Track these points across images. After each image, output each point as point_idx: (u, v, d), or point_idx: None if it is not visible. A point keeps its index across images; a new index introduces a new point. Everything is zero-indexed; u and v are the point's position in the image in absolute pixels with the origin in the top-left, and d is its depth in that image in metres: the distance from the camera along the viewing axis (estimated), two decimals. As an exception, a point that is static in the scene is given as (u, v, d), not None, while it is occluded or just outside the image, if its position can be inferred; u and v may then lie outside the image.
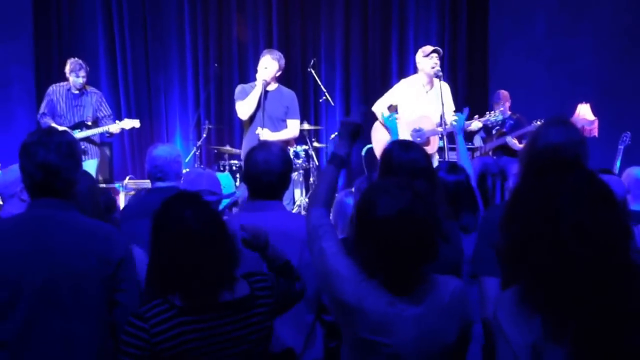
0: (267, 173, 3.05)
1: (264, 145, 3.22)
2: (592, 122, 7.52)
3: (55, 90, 7.48)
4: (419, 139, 6.53)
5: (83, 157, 5.88)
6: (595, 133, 7.52)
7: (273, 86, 6.67)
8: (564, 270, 1.67)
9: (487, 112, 6.69)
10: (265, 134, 6.52)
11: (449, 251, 2.92)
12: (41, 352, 2.44)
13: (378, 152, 6.81)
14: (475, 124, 6.68)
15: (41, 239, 2.46)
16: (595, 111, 7.68)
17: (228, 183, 5.87)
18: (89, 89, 7.57)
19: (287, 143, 6.77)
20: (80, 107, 7.44)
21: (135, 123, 7.53)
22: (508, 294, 1.84)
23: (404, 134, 6.55)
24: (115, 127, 7.38)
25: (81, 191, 2.83)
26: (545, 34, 8.84)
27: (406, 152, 3.08)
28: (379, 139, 6.75)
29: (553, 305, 1.70)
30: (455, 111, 6.30)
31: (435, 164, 5.74)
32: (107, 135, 7.52)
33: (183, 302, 2.25)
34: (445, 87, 6.56)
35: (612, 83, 8.65)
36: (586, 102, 7.72)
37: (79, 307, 2.45)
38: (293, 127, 6.77)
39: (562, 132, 2.63)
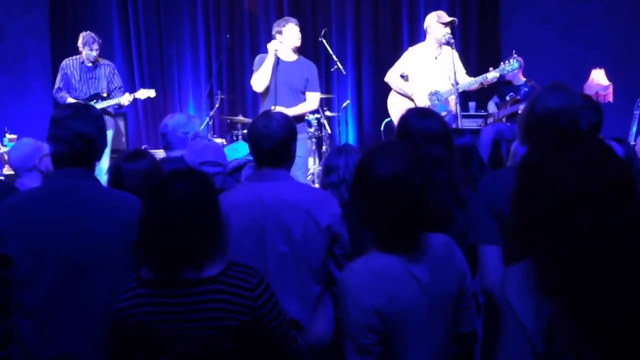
0: (267, 138, 2.97)
1: (267, 113, 3.15)
2: (606, 88, 7.48)
3: (69, 63, 7.54)
4: (437, 101, 6.55)
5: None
6: (610, 98, 7.47)
7: (293, 57, 6.48)
8: (589, 261, 1.57)
9: (502, 62, 6.66)
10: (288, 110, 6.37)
11: (465, 218, 2.93)
12: (68, 320, 2.50)
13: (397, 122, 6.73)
14: (493, 74, 6.58)
15: (67, 207, 2.55)
16: (609, 77, 7.63)
17: (245, 150, 5.87)
18: (102, 61, 7.63)
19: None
20: (95, 79, 7.51)
21: (151, 93, 7.63)
22: (517, 270, 1.76)
23: (422, 100, 6.60)
24: (125, 99, 7.45)
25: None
26: (556, 0, 8.76)
27: (423, 119, 3.10)
28: (397, 109, 6.70)
29: (572, 290, 1.60)
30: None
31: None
32: (117, 107, 7.59)
33: (147, 274, 2.26)
34: (455, 53, 6.55)
35: (626, 49, 8.57)
36: (600, 68, 7.69)
37: (105, 274, 2.50)
38: (312, 100, 6.56)
39: (560, 96, 2.58)
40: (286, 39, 6.37)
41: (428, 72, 6.65)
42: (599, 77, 7.58)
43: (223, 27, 9.46)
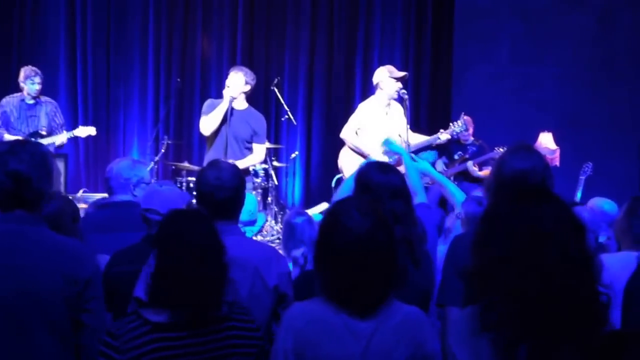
0: (220, 189, 2.92)
1: (215, 163, 3.08)
2: (553, 152, 7.56)
3: (9, 101, 7.26)
4: (391, 159, 6.48)
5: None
6: (557, 162, 7.54)
7: (243, 105, 6.44)
8: (542, 295, 1.66)
9: (451, 123, 6.63)
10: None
11: (419, 277, 2.88)
12: None
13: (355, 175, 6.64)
14: (445, 136, 6.56)
15: (7, 255, 2.39)
16: (557, 141, 7.71)
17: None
18: (44, 98, 7.35)
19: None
20: (34, 117, 7.23)
21: (91, 130, 7.35)
22: (460, 318, 1.82)
23: (377, 155, 6.49)
24: (59, 139, 7.19)
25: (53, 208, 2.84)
26: (509, 61, 8.87)
27: (384, 173, 3.05)
28: (349, 165, 6.59)
29: (509, 325, 1.68)
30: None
31: None
32: (56, 146, 7.30)
33: (158, 317, 2.20)
34: (402, 106, 6.54)
35: (575, 113, 8.70)
36: (548, 131, 7.76)
37: (42, 327, 2.37)
38: (259, 152, 6.51)
39: (526, 157, 2.65)
40: (227, 86, 6.38)
41: (379, 128, 6.54)
42: (546, 141, 7.67)
43: (174, 71, 9.33)
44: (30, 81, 7.15)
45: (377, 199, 2.82)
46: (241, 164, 6.17)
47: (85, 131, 7.33)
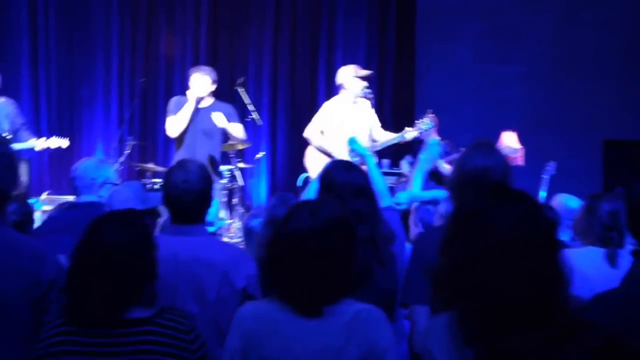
0: (188, 192, 2.89)
1: (182, 164, 3.05)
2: (517, 151, 7.59)
3: None
4: (357, 158, 6.48)
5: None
6: (520, 162, 7.58)
7: (209, 101, 6.49)
8: (502, 302, 1.65)
9: (417, 120, 6.61)
10: (217, 118, 6.52)
11: (384, 276, 2.89)
12: None
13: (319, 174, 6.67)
14: (411, 134, 6.52)
15: None
16: (520, 140, 7.76)
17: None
18: (1, 99, 7.01)
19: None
20: None
21: (63, 143, 7.11)
22: (440, 321, 1.79)
23: (344, 158, 6.47)
24: (40, 145, 6.97)
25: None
26: (472, 60, 8.93)
27: (347, 172, 3.06)
28: (315, 165, 6.60)
29: (488, 335, 1.67)
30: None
31: None
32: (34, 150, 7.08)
33: (74, 313, 2.21)
34: (368, 104, 6.56)
35: (538, 112, 8.80)
36: (511, 130, 7.81)
37: (5, 329, 2.36)
38: (239, 130, 6.72)
39: (488, 154, 2.66)
40: (191, 87, 6.42)
41: (345, 128, 6.55)
42: (509, 140, 7.70)
43: (138, 71, 9.21)
44: None
45: (340, 198, 2.84)
46: (230, 127, 6.56)
47: (56, 142, 7.08)
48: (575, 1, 8.94)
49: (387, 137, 6.60)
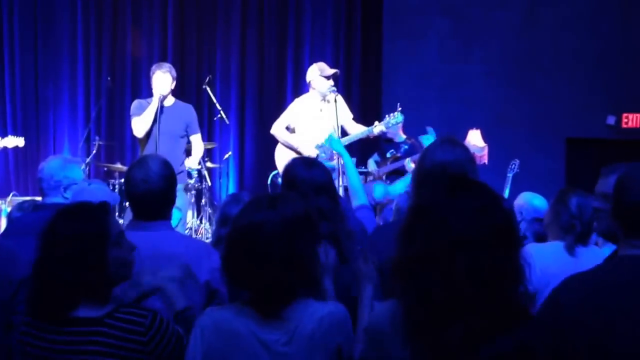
0: (148, 193, 2.84)
1: (142, 162, 2.96)
2: (482, 149, 7.65)
3: None
4: (323, 154, 6.51)
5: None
6: (485, 160, 7.63)
7: (170, 101, 6.46)
8: (450, 307, 1.64)
9: (387, 115, 6.65)
10: (191, 163, 6.69)
11: (347, 273, 2.83)
12: None
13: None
14: (379, 128, 6.57)
15: None
16: (485, 137, 7.84)
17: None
18: None
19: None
20: None
21: (19, 142, 7.03)
22: (387, 307, 1.82)
23: (309, 152, 6.54)
24: None
25: None
26: (437, 59, 9.00)
27: (309, 169, 3.05)
28: (284, 162, 6.56)
29: (429, 329, 1.67)
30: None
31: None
32: None
33: (35, 309, 2.19)
34: (340, 99, 6.56)
35: (502, 110, 8.90)
36: (476, 129, 7.89)
37: None
38: (198, 143, 6.69)
39: (448, 150, 2.67)
40: (154, 86, 6.35)
41: (314, 124, 6.60)
42: (475, 138, 7.77)
43: (104, 70, 9.14)
44: None
45: (302, 194, 2.77)
46: (194, 163, 6.68)
47: (13, 142, 7.00)
48: (537, 0, 9.06)
49: (355, 131, 6.63)
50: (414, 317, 1.69)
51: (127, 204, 3.93)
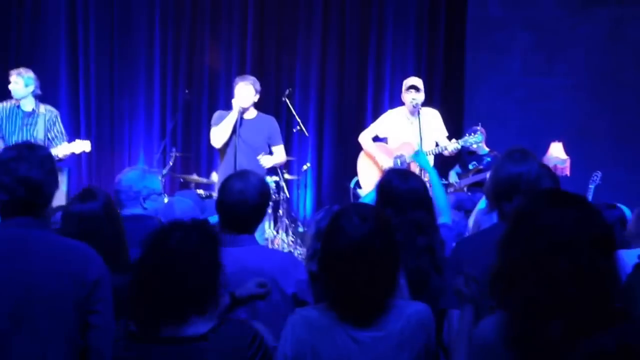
0: (243, 204, 2.86)
1: (242, 174, 3.02)
2: (564, 161, 7.60)
3: (2, 107, 6.67)
4: (399, 164, 6.54)
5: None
6: (568, 172, 7.57)
7: (252, 114, 6.48)
8: (553, 306, 1.70)
9: (467, 134, 6.62)
10: (265, 160, 6.46)
11: (442, 283, 2.87)
12: None
13: (363, 182, 6.85)
14: (453, 145, 6.56)
15: (15, 260, 2.38)
16: (567, 150, 7.74)
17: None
18: (43, 106, 6.73)
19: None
20: (30, 126, 6.58)
21: (86, 146, 6.61)
22: (491, 321, 1.87)
23: (386, 163, 6.61)
24: (62, 151, 6.48)
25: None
26: (520, 72, 8.91)
27: (405, 181, 3.05)
28: (364, 170, 6.82)
29: (535, 337, 1.70)
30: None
31: None
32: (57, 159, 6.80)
33: (133, 327, 2.17)
34: (433, 115, 6.66)
35: (584, 123, 8.77)
36: (559, 141, 7.77)
37: (52, 331, 2.37)
38: (280, 153, 6.67)
39: (520, 161, 2.76)
40: (235, 97, 6.38)
41: (402, 136, 6.69)
42: (557, 151, 7.70)
43: (181, 83, 9.12)
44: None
45: (399, 208, 2.90)
46: (267, 162, 6.46)
47: (80, 147, 6.58)
48: (623, 14, 8.89)
49: (430, 147, 6.60)
50: (518, 318, 1.75)
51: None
